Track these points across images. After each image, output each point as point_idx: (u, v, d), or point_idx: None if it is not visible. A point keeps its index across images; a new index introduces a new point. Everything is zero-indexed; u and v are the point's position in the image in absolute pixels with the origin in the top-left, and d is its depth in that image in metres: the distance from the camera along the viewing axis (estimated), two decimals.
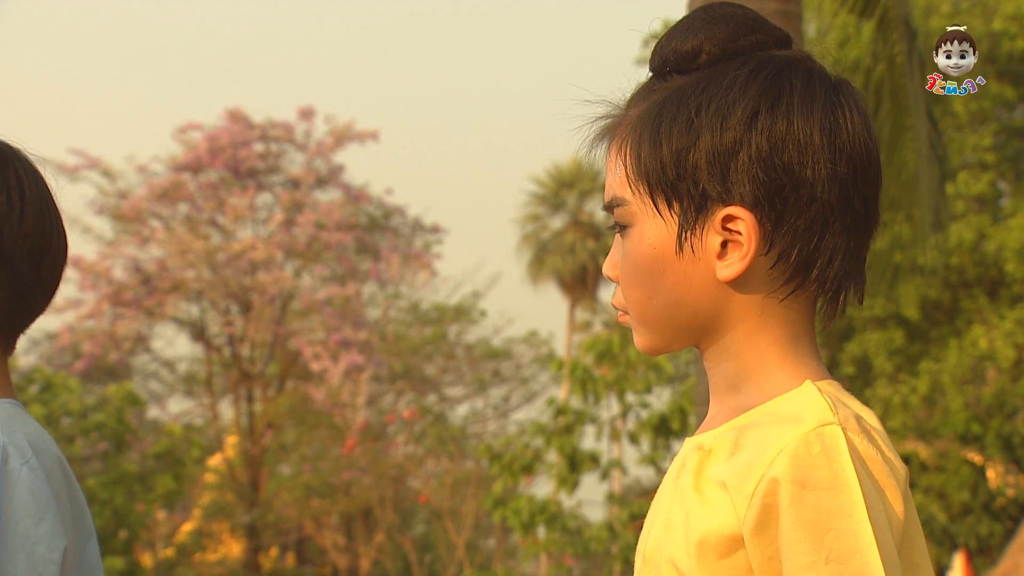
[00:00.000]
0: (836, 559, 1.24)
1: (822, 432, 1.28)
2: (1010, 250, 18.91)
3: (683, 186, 1.39)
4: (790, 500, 1.26)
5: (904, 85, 6.13)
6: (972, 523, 19.68)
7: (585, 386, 16.95)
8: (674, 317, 1.43)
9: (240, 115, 20.97)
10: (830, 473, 1.26)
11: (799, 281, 1.38)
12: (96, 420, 17.77)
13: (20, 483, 1.69)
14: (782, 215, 1.36)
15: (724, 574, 1.31)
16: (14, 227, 1.80)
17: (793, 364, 1.39)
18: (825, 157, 1.36)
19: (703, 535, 1.32)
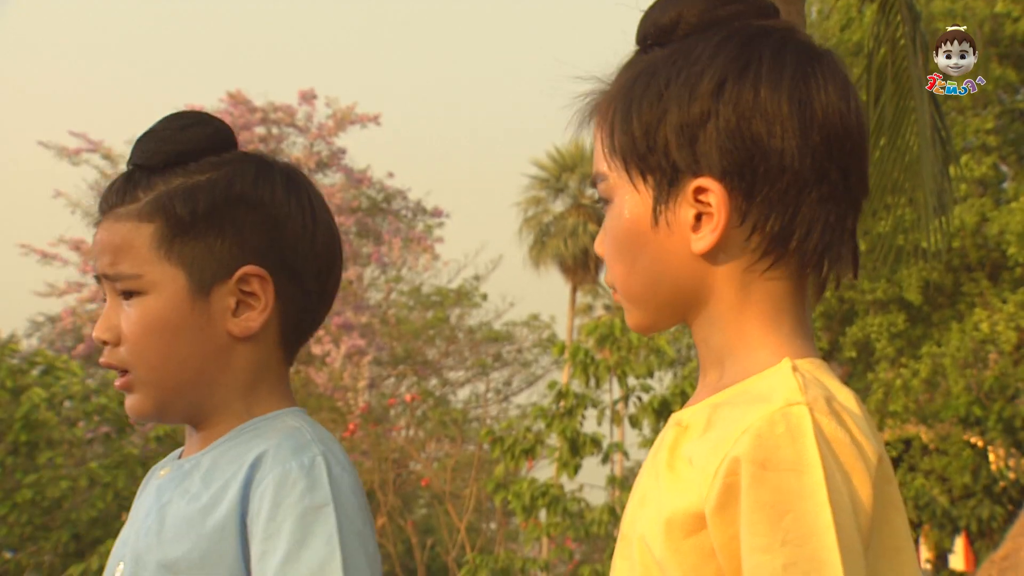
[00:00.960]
0: (792, 541, 1.21)
1: (788, 412, 1.26)
2: (1012, 233, 18.91)
3: (654, 159, 1.39)
4: (750, 480, 1.24)
5: (907, 68, 6.12)
6: (973, 506, 19.76)
7: (587, 370, 16.92)
8: (656, 292, 1.42)
9: (241, 98, 20.92)
10: (793, 454, 1.24)
11: (777, 253, 1.36)
12: (98, 403, 17.67)
13: (345, 485, 1.77)
14: (753, 186, 1.35)
15: (690, 552, 1.29)
16: (307, 247, 1.87)
17: (776, 340, 1.37)
18: (794, 127, 1.34)
19: (671, 512, 1.30)
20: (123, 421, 17.90)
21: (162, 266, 1.82)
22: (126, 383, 1.84)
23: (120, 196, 1.86)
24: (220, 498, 1.77)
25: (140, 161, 1.86)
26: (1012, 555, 12.26)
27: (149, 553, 1.79)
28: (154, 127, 1.87)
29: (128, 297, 1.83)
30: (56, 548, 16.90)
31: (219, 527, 1.75)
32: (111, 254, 1.83)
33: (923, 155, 5.88)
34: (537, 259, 38.35)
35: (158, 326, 1.82)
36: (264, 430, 1.82)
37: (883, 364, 20.61)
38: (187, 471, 1.84)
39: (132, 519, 1.89)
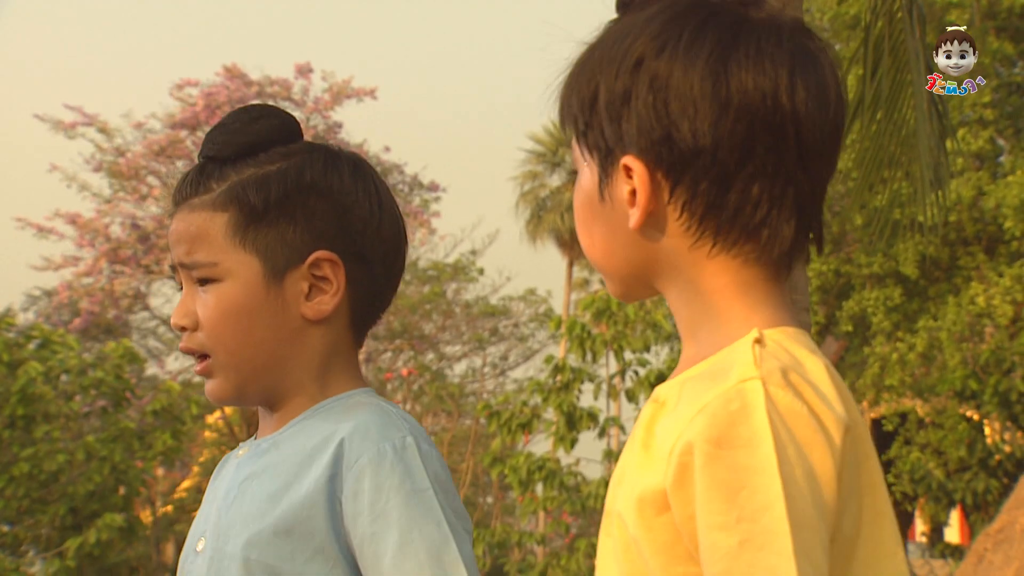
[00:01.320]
0: (748, 518, 1.21)
1: (742, 388, 1.25)
2: (1009, 207, 18.83)
3: (592, 136, 1.40)
4: (704, 459, 1.23)
5: (904, 41, 6.07)
6: (969, 479, 19.72)
7: (583, 344, 16.94)
8: (613, 263, 1.44)
9: (237, 72, 20.82)
10: (747, 430, 1.23)
11: (712, 232, 1.35)
12: (95, 377, 17.70)
13: (435, 461, 1.84)
14: (674, 164, 1.34)
15: (662, 529, 1.28)
16: (374, 232, 1.94)
17: (744, 311, 1.36)
18: (707, 107, 1.33)
19: (643, 490, 1.30)
20: (119, 395, 17.99)
21: (237, 253, 1.89)
22: (206, 368, 1.91)
23: (194, 187, 1.92)
24: (303, 475, 1.82)
25: (212, 153, 1.92)
26: (1007, 528, 12.20)
27: (232, 528, 1.84)
28: (224, 120, 1.94)
29: (204, 284, 1.89)
30: (53, 521, 16.94)
31: (307, 502, 1.81)
32: (187, 243, 1.90)
33: (920, 129, 5.85)
34: (534, 233, 38.30)
35: (234, 311, 1.88)
36: (342, 409, 1.89)
37: (879, 338, 20.58)
38: (265, 449, 1.90)
39: (210, 498, 1.95)
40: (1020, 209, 18.80)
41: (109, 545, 16.89)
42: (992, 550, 11.89)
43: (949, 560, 21.14)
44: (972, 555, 11.84)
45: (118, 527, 16.68)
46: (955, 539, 24.62)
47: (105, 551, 16.84)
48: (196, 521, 1.95)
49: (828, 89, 1.36)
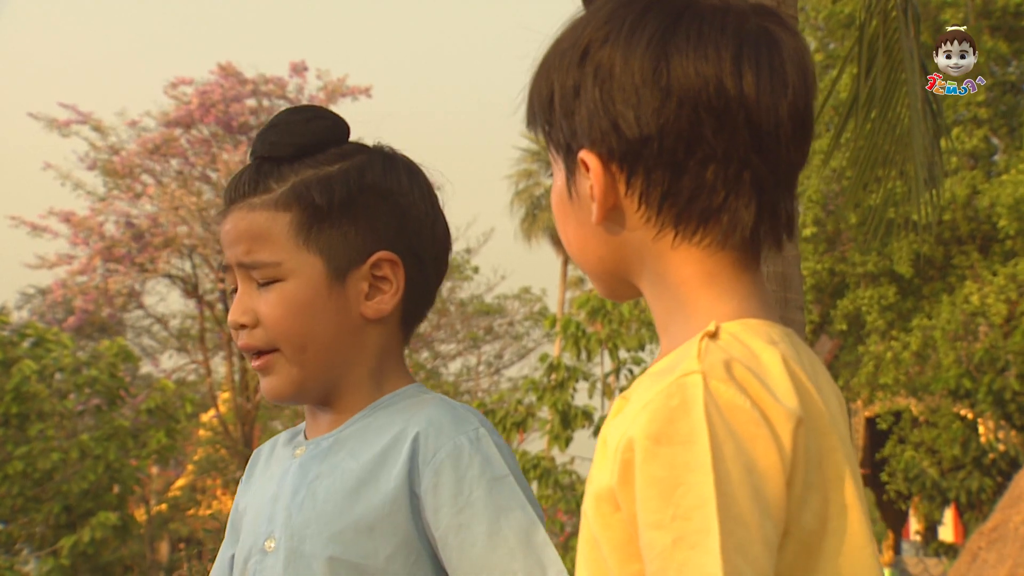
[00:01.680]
0: (682, 516, 1.18)
1: (682, 383, 1.22)
2: (1003, 206, 18.87)
3: (553, 134, 1.39)
4: (643, 456, 1.21)
5: (898, 40, 5.86)
6: (963, 478, 19.80)
7: (578, 342, 16.91)
8: (588, 262, 1.43)
9: (232, 70, 20.80)
10: (686, 426, 1.20)
11: (673, 219, 1.33)
12: (89, 375, 17.70)
13: (507, 450, 1.88)
14: (625, 155, 1.33)
15: (618, 527, 1.27)
16: (429, 233, 1.96)
17: (709, 303, 1.34)
18: (649, 94, 1.31)
19: (599, 487, 1.29)
20: (114, 393, 17.94)
21: (300, 253, 1.89)
22: (266, 363, 1.91)
23: (252, 186, 1.91)
24: (380, 472, 1.84)
25: (267, 153, 1.92)
26: (1001, 526, 12.21)
27: (309, 527, 1.85)
28: (277, 120, 1.93)
29: (265, 284, 1.89)
30: (47, 520, 16.93)
31: (389, 500, 1.82)
32: (247, 243, 1.89)
33: (914, 128, 5.72)
34: (528, 232, 38.27)
35: (297, 308, 1.88)
36: (406, 405, 1.91)
37: (874, 337, 20.57)
38: (327, 448, 1.91)
39: (265, 496, 1.94)
40: (1014, 208, 18.83)
41: (103, 543, 16.90)
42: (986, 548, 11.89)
43: (943, 558, 21.16)
44: (966, 553, 11.86)
45: (112, 525, 16.69)
46: (949, 537, 24.59)
47: (99, 549, 16.84)
48: (253, 522, 1.94)
49: (784, 72, 1.33)
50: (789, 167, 1.35)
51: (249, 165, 1.93)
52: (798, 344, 1.36)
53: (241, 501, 2.01)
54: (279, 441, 2.03)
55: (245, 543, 1.92)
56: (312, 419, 1.97)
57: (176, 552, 25.79)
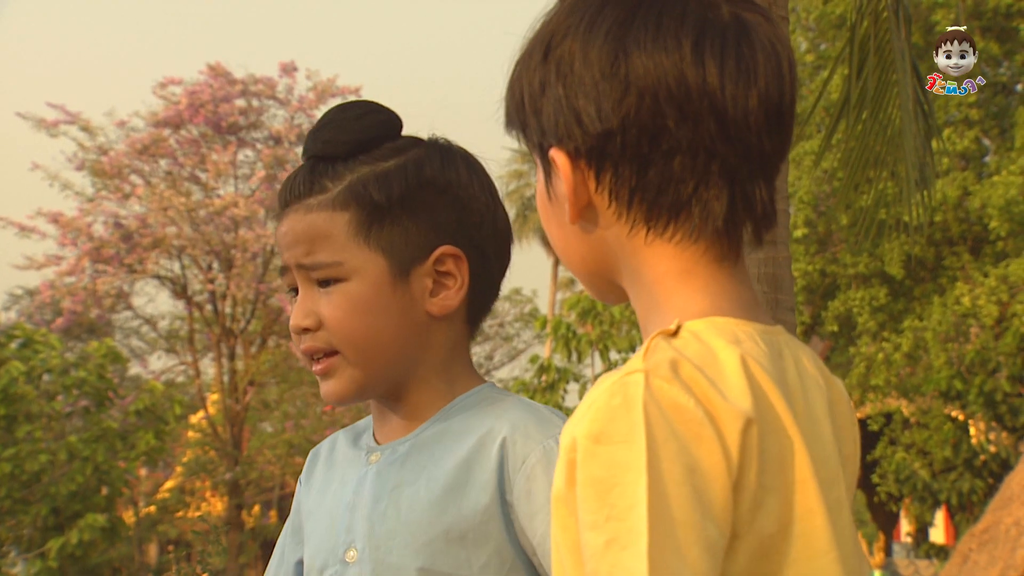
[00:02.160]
0: (616, 516, 1.15)
1: (625, 381, 1.20)
2: (994, 207, 18.85)
3: (528, 136, 1.38)
4: (583, 456, 1.18)
5: (889, 41, 5.91)
6: (954, 480, 19.75)
7: (569, 344, 16.93)
8: (573, 263, 1.41)
9: (221, 70, 20.78)
10: (626, 425, 1.17)
11: (644, 214, 1.31)
12: (77, 377, 17.65)
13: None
14: (591, 150, 1.31)
15: (574, 529, 1.22)
16: (490, 226, 1.93)
17: (681, 301, 1.32)
18: (608, 87, 1.29)
19: (556, 490, 1.25)
20: (102, 395, 17.89)
21: (362, 252, 1.85)
22: (328, 367, 1.87)
23: (307, 187, 1.87)
24: (468, 479, 1.81)
25: (321, 152, 1.88)
26: (992, 528, 12.15)
27: (394, 538, 1.81)
28: (329, 118, 1.89)
29: (327, 284, 1.86)
30: (35, 522, 16.87)
31: (479, 508, 1.79)
32: (306, 244, 1.86)
33: (905, 128, 5.76)
34: (519, 233, 38.29)
35: (362, 308, 1.85)
36: (486, 406, 1.87)
37: (865, 338, 20.59)
38: (404, 454, 1.87)
39: (334, 503, 1.90)
40: (1005, 209, 18.84)
41: (91, 545, 16.85)
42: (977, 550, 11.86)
43: (934, 560, 21.20)
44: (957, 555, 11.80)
45: (100, 527, 16.65)
46: (940, 539, 24.67)
47: (87, 552, 16.79)
48: (330, 531, 1.89)
49: (755, 60, 1.31)
50: (763, 157, 1.32)
51: (303, 165, 1.89)
52: (778, 343, 1.33)
53: (305, 503, 1.98)
54: (339, 440, 2.00)
55: (319, 552, 1.88)
56: (382, 421, 1.93)
57: (165, 554, 25.77)
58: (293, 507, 2.02)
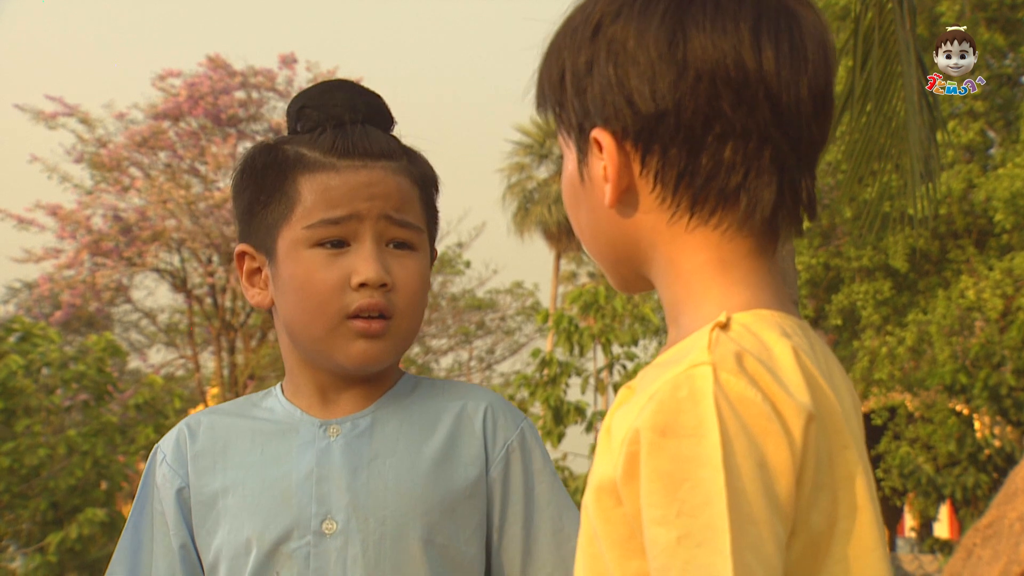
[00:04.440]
0: (688, 512, 1.14)
1: (691, 374, 1.19)
2: (999, 199, 18.78)
3: (565, 116, 1.37)
4: (649, 449, 1.17)
5: (893, 32, 5.99)
6: (958, 474, 19.66)
7: (571, 338, 16.87)
8: (600, 249, 1.40)
9: (221, 62, 20.68)
10: (694, 419, 1.16)
11: (688, 201, 1.30)
12: (76, 371, 17.58)
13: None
14: (640, 132, 1.30)
15: (619, 522, 1.23)
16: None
17: (722, 292, 1.31)
18: (665, 69, 1.28)
19: (600, 480, 1.25)
20: (101, 388, 17.86)
21: (426, 231, 1.93)
22: (384, 328, 1.86)
23: (387, 147, 1.90)
24: (453, 453, 1.85)
25: (374, 119, 1.92)
26: (996, 523, 12.14)
27: (386, 508, 1.82)
28: (358, 86, 1.93)
29: (401, 247, 1.89)
30: (34, 516, 16.83)
31: (471, 481, 1.84)
32: (398, 201, 1.88)
33: (910, 121, 5.77)
34: (521, 226, 38.27)
35: (425, 283, 1.91)
36: (443, 387, 1.94)
37: (869, 332, 20.52)
38: (368, 427, 1.88)
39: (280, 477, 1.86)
40: (1011, 202, 18.75)
41: (91, 540, 16.74)
42: (981, 545, 11.84)
43: (938, 555, 21.10)
44: (961, 550, 11.78)
45: (100, 522, 16.55)
46: (944, 534, 24.63)
47: (87, 546, 16.70)
48: (266, 504, 1.85)
49: (804, 46, 1.30)
50: (810, 145, 1.32)
51: (358, 125, 1.89)
52: (812, 337, 1.33)
53: (208, 482, 1.89)
54: (216, 422, 1.94)
55: (270, 526, 1.83)
56: (320, 396, 1.91)
57: None
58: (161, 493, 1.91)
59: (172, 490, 1.91)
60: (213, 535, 1.87)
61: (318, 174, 1.86)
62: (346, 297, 1.83)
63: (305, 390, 1.92)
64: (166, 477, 1.92)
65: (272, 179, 1.90)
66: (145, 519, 1.93)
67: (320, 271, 1.84)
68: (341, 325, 1.84)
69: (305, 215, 1.86)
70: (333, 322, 1.83)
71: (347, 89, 1.92)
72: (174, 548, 1.90)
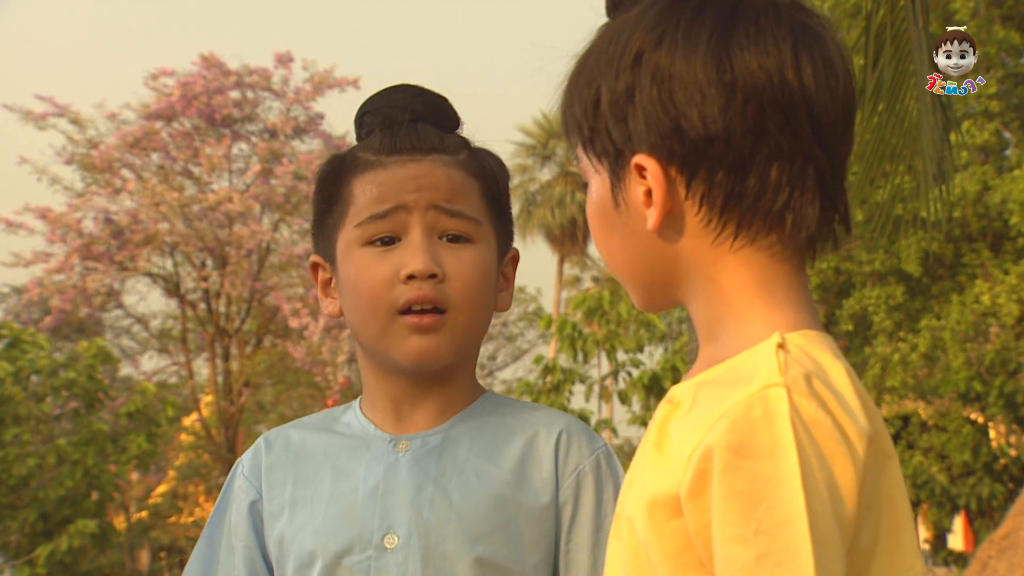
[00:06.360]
0: (766, 531, 1.18)
1: (765, 395, 1.23)
2: (1015, 202, 18.73)
3: (599, 142, 1.39)
4: (724, 468, 1.21)
5: (906, 30, 6.02)
6: (973, 484, 19.78)
7: (574, 344, 16.86)
8: (634, 272, 1.42)
9: (215, 61, 20.53)
10: (769, 439, 1.21)
11: (735, 222, 1.33)
12: (66, 378, 17.55)
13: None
14: (687, 156, 1.33)
15: (673, 535, 1.26)
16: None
17: (766, 312, 1.34)
18: (714, 92, 1.32)
19: (654, 493, 1.28)
20: (92, 396, 17.80)
21: (488, 224, 1.92)
22: (438, 322, 1.85)
23: (439, 142, 1.91)
24: (523, 476, 1.85)
25: (430, 118, 1.93)
26: (1012, 534, 12.10)
27: (447, 526, 1.82)
28: (421, 88, 1.95)
29: (456, 240, 1.88)
30: (23, 528, 16.81)
31: (541, 507, 1.85)
32: (448, 192, 1.88)
33: (923, 121, 5.79)
34: (523, 229, 38.59)
35: (486, 276, 1.89)
36: (520, 409, 1.93)
37: (881, 338, 20.50)
38: (438, 445, 1.88)
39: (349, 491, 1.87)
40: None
41: (81, 552, 16.74)
42: (996, 557, 11.69)
43: (952, 567, 21.17)
44: (976, 563, 11.83)
45: (90, 533, 16.53)
46: (959, 546, 24.65)
47: (77, 558, 16.67)
48: (335, 515, 1.86)
49: (835, 64, 1.36)
50: (842, 160, 1.38)
51: (406, 123, 1.90)
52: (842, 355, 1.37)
53: (278, 494, 1.92)
54: (292, 435, 1.97)
55: (333, 538, 1.85)
56: (394, 411, 1.92)
57: (157, 561, 25.91)
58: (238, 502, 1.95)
59: (247, 502, 1.94)
60: (279, 546, 1.90)
61: (367, 173, 1.89)
62: (395, 291, 1.84)
63: (380, 403, 1.93)
64: (242, 488, 1.96)
65: (331, 186, 1.94)
66: (221, 530, 1.97)
67: (371, 267, 1.86)
68: (394, 321, 1.84)
69: (356, 214, 1.89)
70: (386, 319, 1.84)
71: (405, 91, 1.95)
72: (245, 560, 1.93)
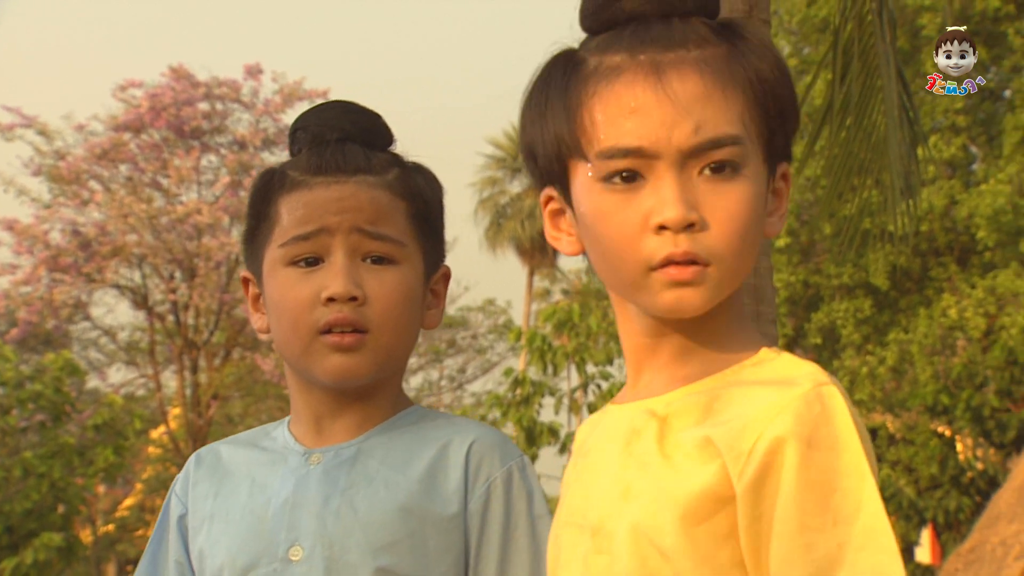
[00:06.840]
0: (844, 520, 1.25)
1: (820, 392, 1.29)
2: (982, 216, 18.85)
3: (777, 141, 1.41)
4: (799, 460, 1.27)
5: (874, 45, 5.98)
6: (940, 497, 19.68)
7: (544, 356, 16.87)
8: (743, 277, 1.42)
9: (184, 72, 20.39)
10: (831, 433, 1.27)
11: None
12: (33, 390, 17.49)
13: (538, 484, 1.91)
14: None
15: (703, 538, 1.30)
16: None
17: (745, 334, 1.41)
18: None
19: (685, 499, 1.30)
20: (59, 409, 17.71)
21: (413, 244, 1.91)
22: (358, 342, 1.85)
23: (365, 162, 1.91)
24: (431, 486, 1.85)
25: (359, 137, 1.92)
26: (978, 547, 12.36)
27: (351, 537, 1.83)
28: (348, 106, 1.95)
29: (379, 262, 1.88)
30: None
31: (447, 516, 1.84)
32: (371, 214, 1.88)
33: (890, 135, 5.79)
34: (493, 241, 38.40)
35: (409, 297, 1.89)
36: (437, 420, 1.94)
37: (849, 351, 20.62)
38: (351, 457, 1.89)
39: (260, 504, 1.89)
40: (993, 219, 18.78)
41: (47, 566, 16.67)
42: (963, 570, 11.81)
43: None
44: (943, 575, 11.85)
45: (56, 547, 16.48)
46: (926, 559, 24.55)
47: (43, 572, 16.59)
48: (246, 528, 1.88)
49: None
50: None
51: (333, 143, 1.91)
52: None
53: (199, 508, 1.94)
54: (222, 450, 1.99)
55: (241, 552, 1.87)
56: (315, 424, 1.93)
57: (123, 574, 25.67)
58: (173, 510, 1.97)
59: (175, 517, 1.97)
60: (200, 561, 1.92)
61: (293, 193, 1.90)
62: (316, 312, 1.85)
63: (303, 417, 1.94)
64: (174, 505, 1.99)
65: (259, 203, 1.94)
66: (161, 546, 1.99)
67: (293, 288, 1.87)
68: (315, 341, 1.86)
69: (282, 234, 1.89)
70: (307, 338, 1.86)
71: (336, 109, 1.96)
72: (167, 562, 1.96)
